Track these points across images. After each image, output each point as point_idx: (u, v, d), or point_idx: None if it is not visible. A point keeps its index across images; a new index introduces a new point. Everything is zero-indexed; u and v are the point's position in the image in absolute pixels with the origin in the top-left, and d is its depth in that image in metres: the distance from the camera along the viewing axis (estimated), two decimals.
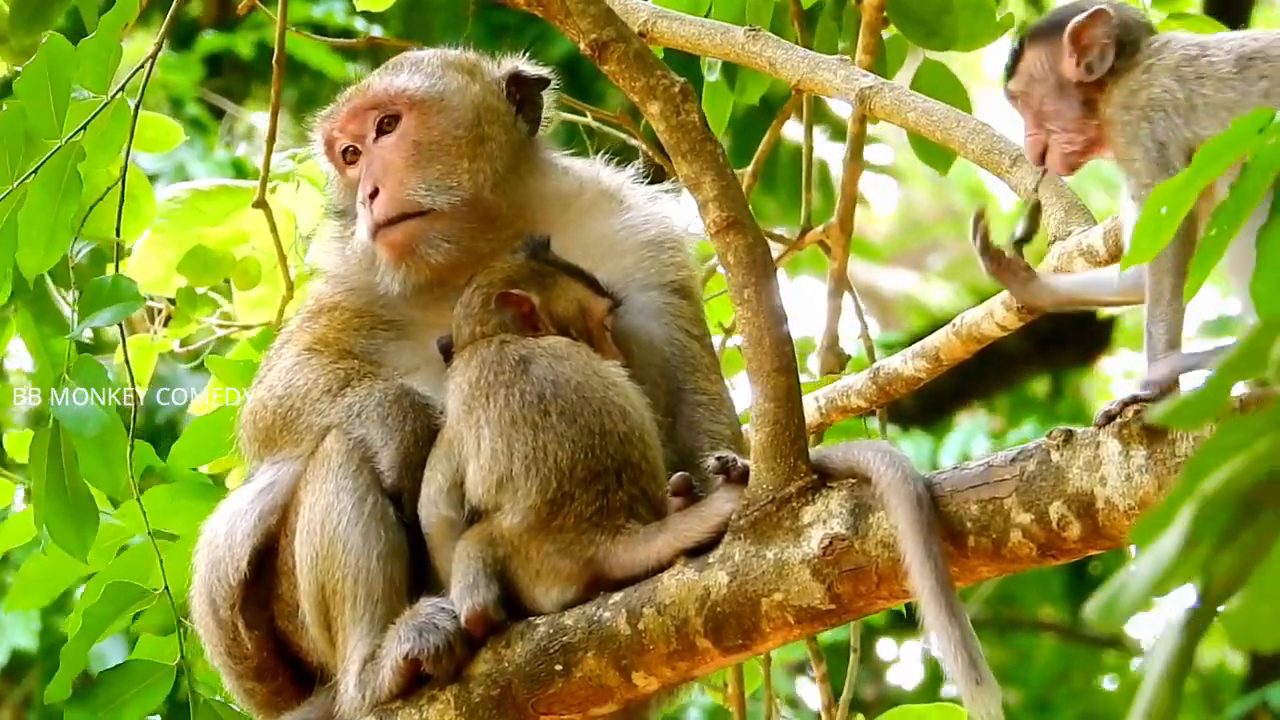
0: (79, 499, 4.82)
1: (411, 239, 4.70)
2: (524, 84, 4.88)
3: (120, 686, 4.97)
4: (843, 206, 6.29)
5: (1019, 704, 13.41)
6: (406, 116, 4.79)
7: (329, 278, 4.88)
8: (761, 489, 4.23)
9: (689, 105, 4.30)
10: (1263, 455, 2.27)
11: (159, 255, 6.22)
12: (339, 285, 4.84)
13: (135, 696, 4.98)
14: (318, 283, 4.97)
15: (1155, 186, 3.36)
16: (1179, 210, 3.24)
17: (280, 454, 4.67)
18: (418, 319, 4.76)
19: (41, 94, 4.80)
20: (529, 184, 4.82)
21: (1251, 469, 2.27)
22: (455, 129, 4.78)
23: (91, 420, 4.74)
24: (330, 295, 4.84)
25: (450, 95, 4.81)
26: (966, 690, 4.00)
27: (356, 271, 4.80)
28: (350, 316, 4.78)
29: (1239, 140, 3.21)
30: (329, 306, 4.81)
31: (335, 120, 4.84)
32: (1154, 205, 3.27)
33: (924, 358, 5.53)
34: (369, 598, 4.45)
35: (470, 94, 4.82)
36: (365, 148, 4.80)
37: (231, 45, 11.88)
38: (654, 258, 4.81)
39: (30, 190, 4.78)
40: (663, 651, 4.28)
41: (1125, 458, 3.93)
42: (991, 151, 4.45)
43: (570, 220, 4.83)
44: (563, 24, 4.37)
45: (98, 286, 4.85)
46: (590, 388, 4.42)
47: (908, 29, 6.00)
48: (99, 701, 4.95)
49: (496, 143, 4.80)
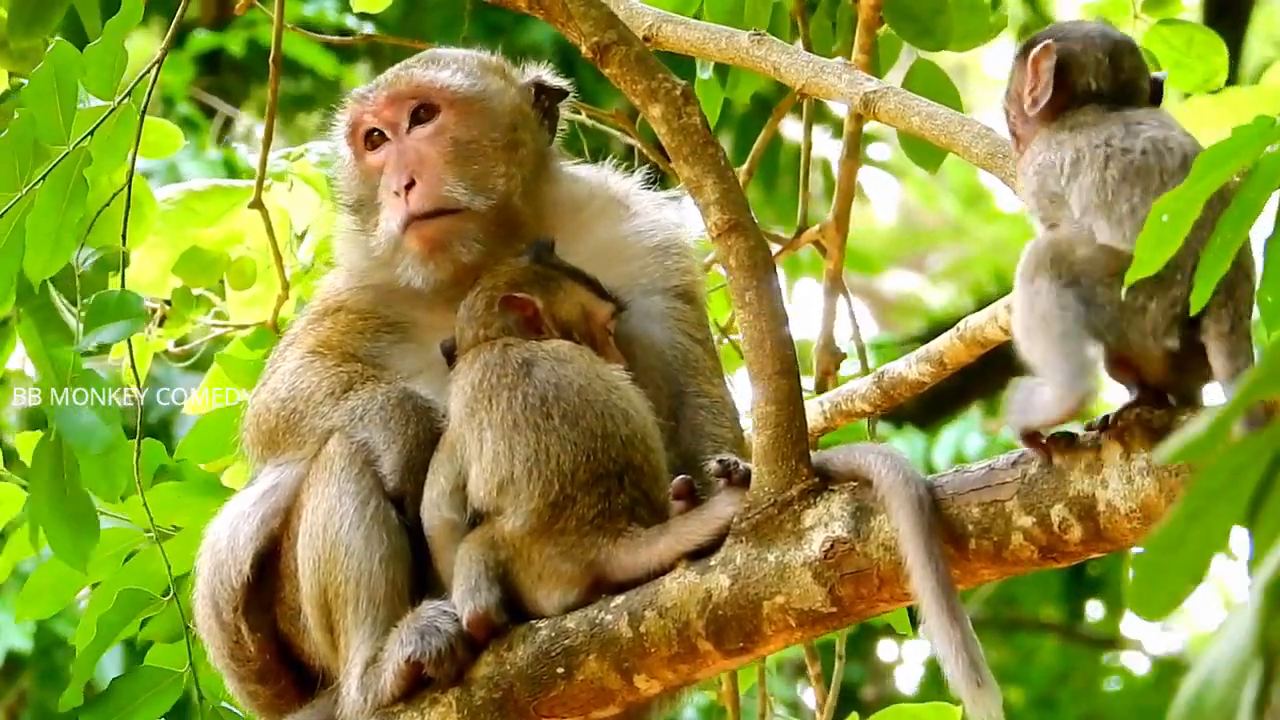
0: (79, 509, 4.82)
1: (446, 235, 4.68)
2: (545, 94, 4.87)
3: (131, 693, 4.98)
4: (838, 205, 6.29)
5: (1021, 704, 13.41)
6: (446, 112, 4.76)
7: (348, 273, 4.85)
8: (763, 492, 4.23)
9: (690, 108, 4.30)
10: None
11: (154, 256, 6.22)
12: (354, 281, 4.81)
13: (145, 703, 4.98)
14: (329, 278, 4.95)
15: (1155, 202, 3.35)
16: (1184, 220, 3.23)
17: (283, 456, 4.67)
18: (421, 321, 4.76)
19: (49, 100, 4.79)
20: (546, 191, 4.82)
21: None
22: (493, 131, 4.77)
23: (97, 436, 4.74)
24: (338, 295, 4.82)
25: (490, 97, 4.80)
26: (967, 692, 4.00)
27: (376, 266, 4.77)
28: (355, 319, 4.77)
29: (1241, 148, 3.21)
30: (334, 308, 4.80)
31: (370, 104, 4.79)
32: (1156, 216, 3.26)
33: (928, 362, 5.54)
34: (371, 601, 4.45)
35: (507, 98, 4.82)
36: (397, 136, 4.77)
37: (224, 44, 11.87)
38: (659, 263, 4.82)
39: (37, 196, 4.77)
40: (664, 654, 4.28)
41: (1127, 461, 3.93)
42: (995, 155, 4.44)
43: (580, 225, 4.83)
44: (564, 26, 4.36)
45: (104, 300, 4.85)
46: (593, 391, 4.42)
47: (902, 28, 6.00)
48: (110, 708, 4.95)
49: (527, 149, 4.79)
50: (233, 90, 12.34)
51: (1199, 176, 3.22)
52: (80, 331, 4.84)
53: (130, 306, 4.82)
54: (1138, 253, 3.34)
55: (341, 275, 4.89)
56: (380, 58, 12.01)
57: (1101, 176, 3.95)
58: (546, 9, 4.37)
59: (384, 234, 4.74)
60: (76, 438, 4.75)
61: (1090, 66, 4.16)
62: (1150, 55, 6.13)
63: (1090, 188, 3.96)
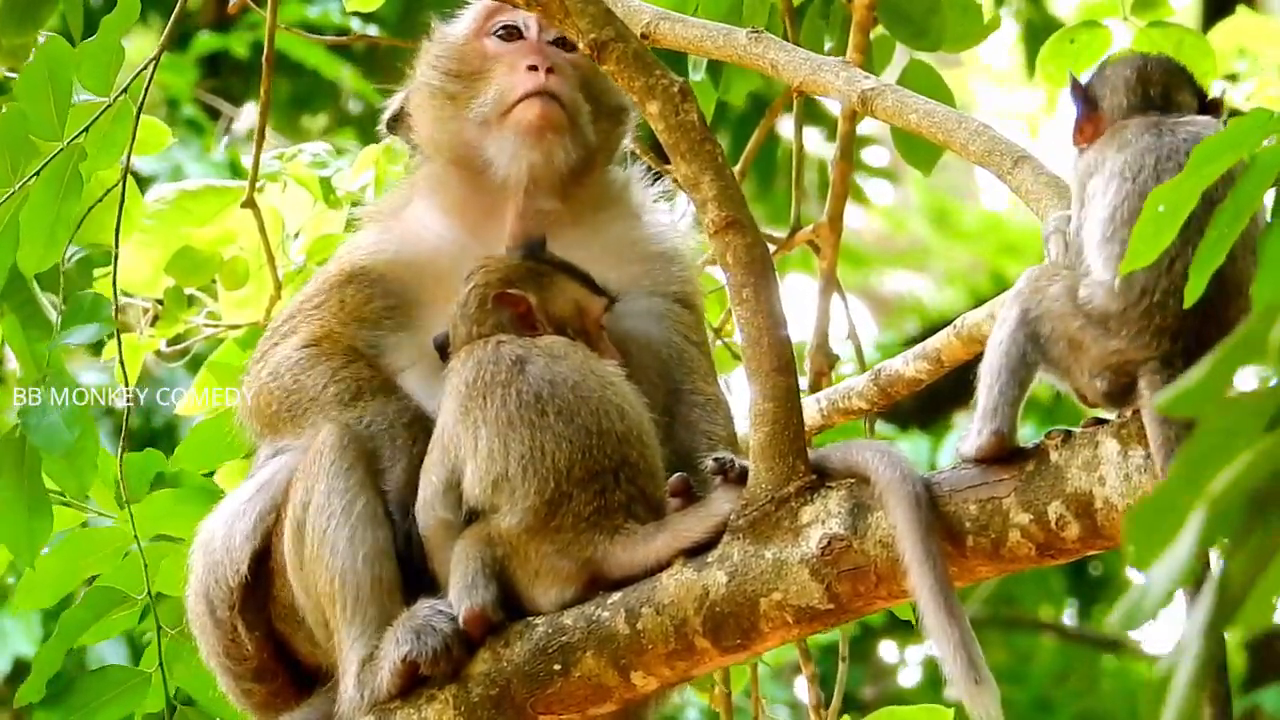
0: (35, 503, 4.82)
1: (562, 125, 4.74)
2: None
3: (93, 692, 4.97)
4: (832, 205, 6.29)
5: (1020, 703, 13.40)
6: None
7: (379, 227, 4.86)
8: (760, 489, 4.23)
9: (688, 105, 4.30)
10: (1268, 453, 2.27)
11: (146, 255, 6.22)
12: (379, 236, 4.81)
13: (107, 703, 4.98)
14: (355, 237, 4.94)
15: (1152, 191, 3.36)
16: (1179, 211, 3.23)
17: (282, 440, 4.68)
18: (425, 298, 4.73)
19: (42, 96, 4.80)
20: (597, 177, 4.89)
21: (1257, 468, 2.26)
22: (615, 96, 4.84)
23: (60, 439, 4.74)
24: (356, 256, 4.80)
25: None
26: (966, 691, 3.99)
27: (463, 145, 4.78)
28: (362, 300, 4.75)
29: (1237, 140, 3.20)
30: (347, 277, 4.77)
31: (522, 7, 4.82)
32: (1152, 207, 3.25)
33: (925, 359, 5.53)
34: (357, 599, 4.45)
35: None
36: (533, 40, 4.82)
37: (227, 46, 11.88)
38: (664, 269, 4.86)
39: (32, 191, 4.78)
40: (661, 651, 4.28)
41: (1124, 457, 3.93)
42: (993, 153, 4.44)
43: (600, 221, 4.87)
44: (562, 23, 4.37)
45: (79, 301, 4.87)
46: (587, 387, 4.42)
47: (896, 28, 6.01)
48: (70, 705, 4.95)
49: (617, 131, 4.92)
50: (236, 91, 12.34)
51: (1194, 169, 3.21)
52: (58, 327, 4.85)
53: (101, 312, 4.84)
54: (1132, 243, 3.35)
55: (371, 232, 4.88)
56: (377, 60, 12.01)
57: (1111, 213, 3.98)
58: (544, 5, 4.36)
59: (498, 95, 4.77)
60: (40, 438, 4.75)
61: (1115, 82, 4.19)
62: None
63: (1098, 221, 4.01)
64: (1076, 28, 6.34)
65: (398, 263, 4.78)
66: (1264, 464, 2.26)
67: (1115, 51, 6.17)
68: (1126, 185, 3.99)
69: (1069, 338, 3.99)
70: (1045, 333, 4.01)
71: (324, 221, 6.32)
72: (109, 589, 5.06)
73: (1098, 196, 4.02)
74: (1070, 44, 6.31)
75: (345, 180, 6.35)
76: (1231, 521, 2.28)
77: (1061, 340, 3.99)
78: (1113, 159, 4.04)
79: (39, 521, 4.83)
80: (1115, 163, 4.03)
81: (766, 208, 11.85)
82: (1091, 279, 3.97)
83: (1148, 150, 4.01)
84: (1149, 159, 4.00)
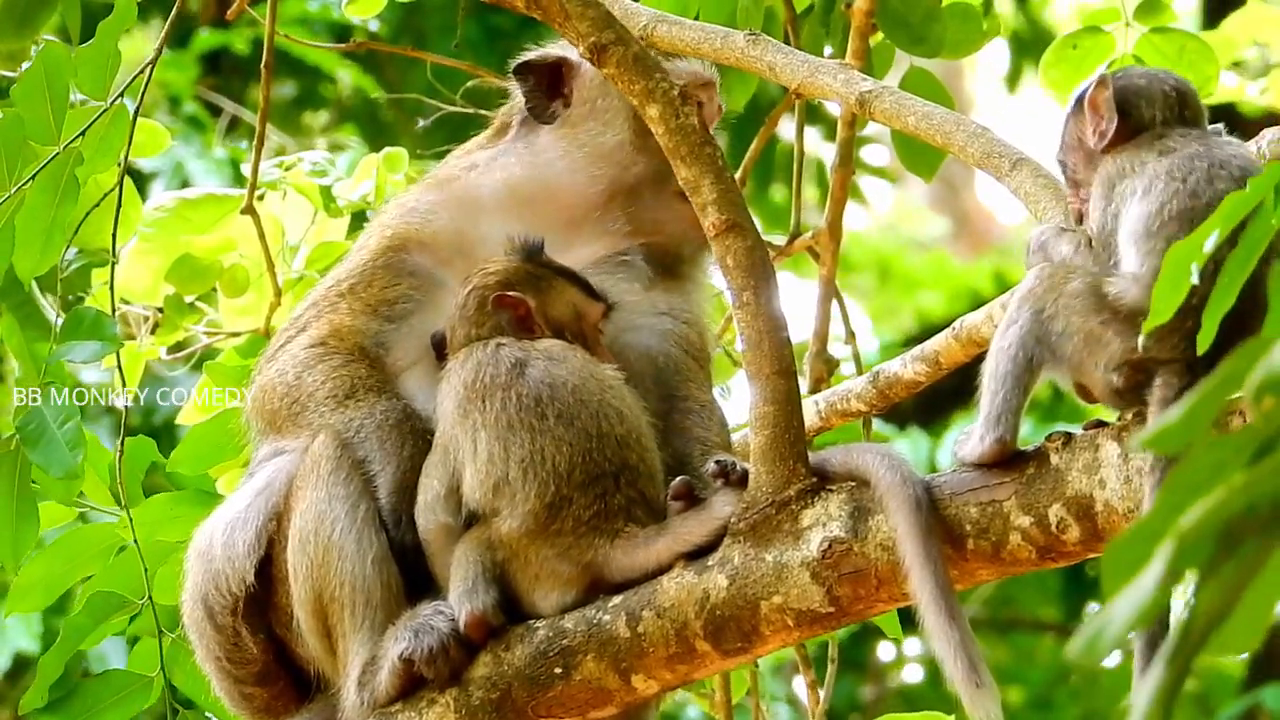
0: (23, 508, 4.82)
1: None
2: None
3: (95, 697, 4.97)
4: (831, 211, 6.29)
5: (1020, 703, 13.40)
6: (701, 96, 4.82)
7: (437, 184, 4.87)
8: (761, 492, 4.23)
9: (688, 108, 4.31)
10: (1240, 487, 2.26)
11: (147, 263, 6.22)
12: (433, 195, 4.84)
13: (111, 706, 4.98)
14: (407, 199, 4.94)
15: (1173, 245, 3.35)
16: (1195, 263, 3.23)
17: (282, 440, 4.68)
18: (449, 280, 4.73)
19: (39, 100, 4.81)
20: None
21: (1230, 501, 2.26)
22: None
23: (57, 459, 4.74)
24: (418, 219, 4.80)
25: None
26: (966, 693, 4.00)
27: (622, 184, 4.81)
28: (386, 285, 4.74)
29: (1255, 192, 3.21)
30: (389, 247, 4.77)
31: (705, 90, 4.85)
32: (1173, 262, 3.26)
33: (923, 361, 5.53)
34: (368, 604, 4.45)
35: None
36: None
37: (228, 43, 11.88)
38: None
39: (28, 195, 4.78)
40: (662, 654, 4.28)
41: (1124, 460, 3.94)
42: (991, 155, 4.44)
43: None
44: (561, 26, 4.37)
45: (79, 315, 4.86)
46: (587, 390, 4.42)
47: (895, 35, 6.01)
48: (74, 710, 4.95)
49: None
50: (237, 89, 12.35)
51: (1214, 222, 3.21)
52: (56, 331, 4.85)
53: (104, 329, 4.83)
54: (1154, 302, 3.35)
55: (428, 193, 4.87)
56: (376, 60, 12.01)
57: (1158, 208, 4.00)
58: (544, 9, 4.37)
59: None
60: (40, 457, 4.76)
61: (1153, 94, 4.23)
62: (1140, 62, 6.17)
63: (1140, 216, 4.03)
64: (1079, 34, 6.34)
65: (446, 231, 4.78)
66: (1236, 499, 2.26)
67: (1117, 58, 6.20)
68: (1175, 184, 4.02)
69: (1086, 333, 3.99)
70: (1058, 330, 4.02)
71: (325, 230, 6.33)
72: (109, 594, 5.06)
73: (1137, 195, 4.05)
74: (1073, 50, 6.32)
75: (346, 189, 6.36)
76: (1201, 555, 2.28)
77: (1076, 335, 4.00)
78: (1155, 162, 4.08)
79: (25, 528, 4.83)
80: (1159, 165, 4.07)
81: (762, 212, 11.85)
82: (1123, 274, 3.98)
83: (1198, 156, 4.07)
84: (1200, 164, 4.05)
